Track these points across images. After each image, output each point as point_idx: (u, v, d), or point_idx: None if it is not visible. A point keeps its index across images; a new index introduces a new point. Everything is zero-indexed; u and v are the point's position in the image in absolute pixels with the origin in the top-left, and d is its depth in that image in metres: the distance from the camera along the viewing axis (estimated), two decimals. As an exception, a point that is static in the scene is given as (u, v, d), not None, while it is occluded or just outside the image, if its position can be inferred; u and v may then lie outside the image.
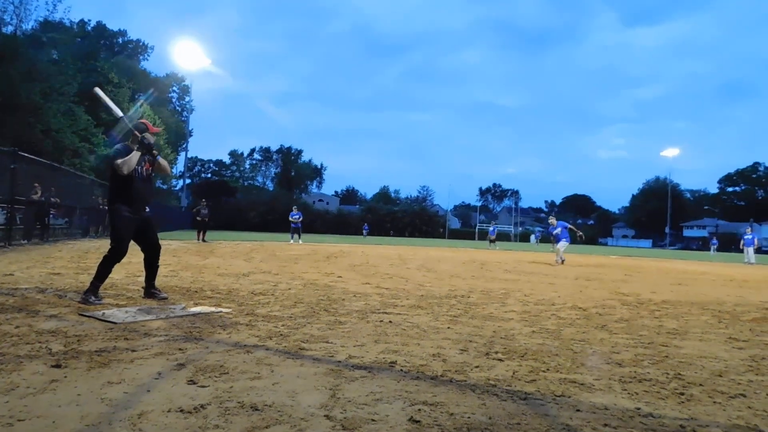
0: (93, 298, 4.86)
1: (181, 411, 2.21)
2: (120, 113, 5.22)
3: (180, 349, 3.27)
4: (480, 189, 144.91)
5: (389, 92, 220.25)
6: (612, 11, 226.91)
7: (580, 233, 17.22)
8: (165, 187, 54.65)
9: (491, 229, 36.24)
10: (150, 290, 5.41)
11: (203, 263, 10.31)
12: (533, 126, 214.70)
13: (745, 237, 25.64)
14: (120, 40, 60.66)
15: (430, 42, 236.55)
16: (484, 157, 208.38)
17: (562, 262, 16.02)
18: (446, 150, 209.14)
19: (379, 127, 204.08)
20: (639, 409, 2.51)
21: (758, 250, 30.95)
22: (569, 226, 17.04)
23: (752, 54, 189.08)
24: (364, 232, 53.35)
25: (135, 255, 5.76)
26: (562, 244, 16.17)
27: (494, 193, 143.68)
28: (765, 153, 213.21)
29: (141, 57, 61.59)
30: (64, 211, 18.65)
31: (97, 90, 5.41)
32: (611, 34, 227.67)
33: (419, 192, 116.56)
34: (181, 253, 13.02)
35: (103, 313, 4.31)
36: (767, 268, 20.79)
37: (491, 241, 35.35)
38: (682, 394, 2.80)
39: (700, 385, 2.99)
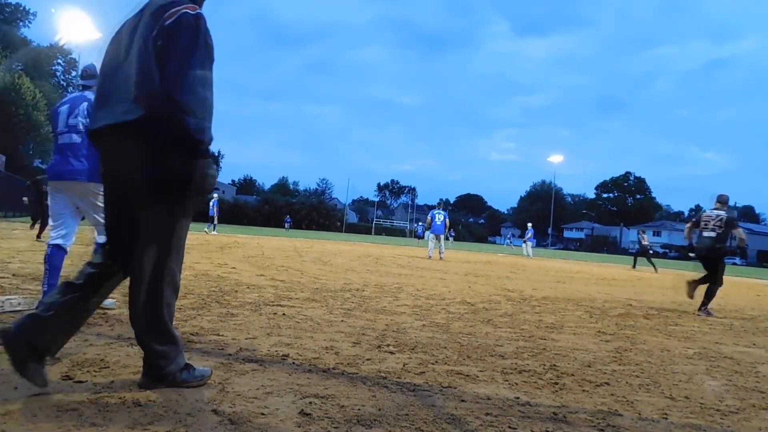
0: None
1: (54, 408, 2.05)
2: None
3: (53, 343, 3.03)
4: (378, 185, 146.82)
5: (288, 83, 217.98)
6: (505, 21, 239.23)
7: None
8: (44, 167, 50.30)
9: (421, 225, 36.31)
10: None
11: (85, 250, 9.60)
12: (429, 125, 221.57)
13: (530, 233, 29.57)
14: (-5, 2, 54.88)
15: (331, 35, 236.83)
16: (381, 153, 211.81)
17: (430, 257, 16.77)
18: (345, 144, 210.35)
19: (278, 118, 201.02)
20: (518, 398, 2.68)
21: (625, 251, 34.78)
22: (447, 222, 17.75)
23: (624, 72, 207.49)
24: (286, 225, 51.23)
25: (5, 239, 5.26)
26: (442, 238, 16.97)
27: (392, 189, 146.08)
28: (635, 164, 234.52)
29: (20, 23, 56.10)
30: None
31: None
32: (504, 43, 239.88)
33: (318, 185, 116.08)
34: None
35: (-37, 303, 3.89)
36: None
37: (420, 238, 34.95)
38: (556, 383, 3.02)
39: (572, 375, 3.24)
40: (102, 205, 3.43)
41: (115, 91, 2.31)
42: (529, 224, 30.74)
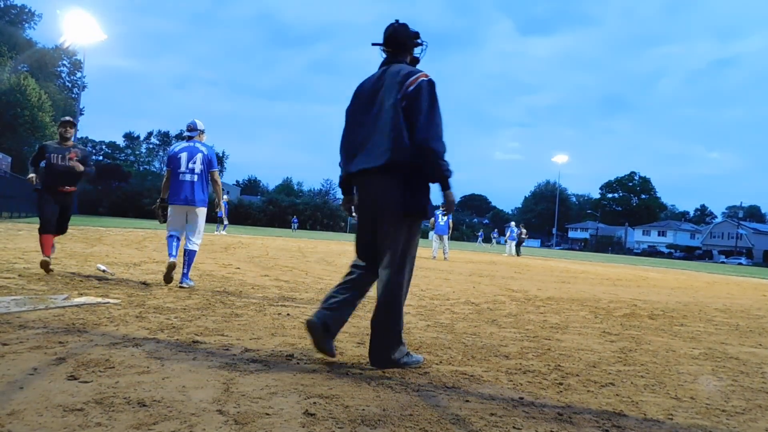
0: None
1: (59, 408, 2.06)
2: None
3: (60, 343, 3.05)
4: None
5: (293, 82, 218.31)
6: (509, 20, 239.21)
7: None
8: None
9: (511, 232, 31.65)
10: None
11: (90, 251, 9.65)
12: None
13: (510, 232, 28.99)
14: (1, 3, 55.10)
15: (335, 35, 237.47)
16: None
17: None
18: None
19: (283, 118, 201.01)
20: (522, 398, 2.67)
21: (629, 252, 34.37)
22: (450, 222, 17.89)
23: (629, 71, 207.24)
24: (294, 225, 51.43)
25: (11, 239, 5.30)
26: (445, 239, 17.13)
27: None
28: (640, 163, 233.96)
29: (26, 25, 56.43)
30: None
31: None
32: (507, 42, 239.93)
33: (322, 185, 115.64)
34: (64, 240, 12.08)
35: (-30, 303, 3.92)
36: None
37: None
38: (561, 384, 3.01)
39: (577, 375, 3.23)
40: (202, 223, 6.08)
41: (365, 142, 3.07)
42: (512, 223, 30.79)
